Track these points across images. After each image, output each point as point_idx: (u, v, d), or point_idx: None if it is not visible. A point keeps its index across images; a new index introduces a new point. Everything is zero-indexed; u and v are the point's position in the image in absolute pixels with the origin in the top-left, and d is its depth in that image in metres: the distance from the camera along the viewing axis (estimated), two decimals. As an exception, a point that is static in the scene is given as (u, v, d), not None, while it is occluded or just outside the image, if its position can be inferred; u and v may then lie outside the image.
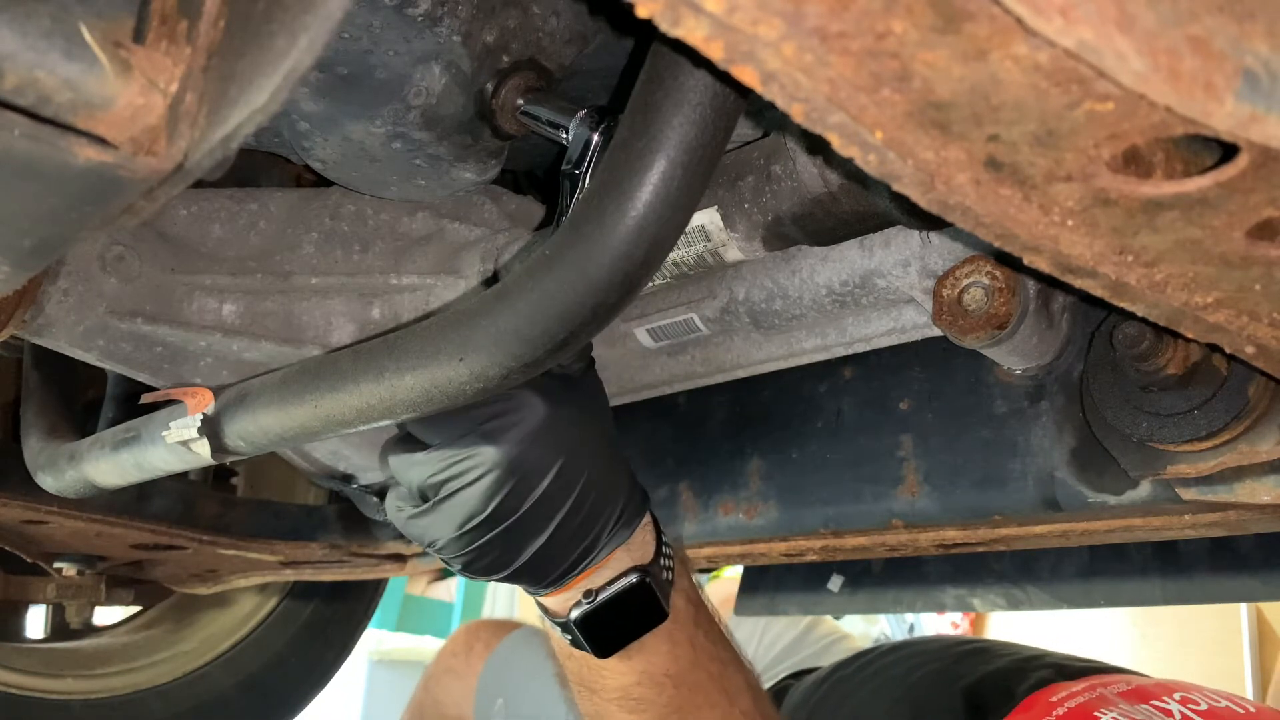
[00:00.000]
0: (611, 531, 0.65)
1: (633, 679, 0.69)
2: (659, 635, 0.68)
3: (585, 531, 0.64)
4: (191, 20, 0.31)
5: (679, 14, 0.27)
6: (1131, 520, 0.76)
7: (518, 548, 0.62)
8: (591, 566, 0.65)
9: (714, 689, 0.71)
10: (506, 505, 0.60)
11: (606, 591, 0.66)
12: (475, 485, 0.59)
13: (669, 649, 0.69)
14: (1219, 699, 0.91)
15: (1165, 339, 0.62)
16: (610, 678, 0.70)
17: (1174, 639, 2.90)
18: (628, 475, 0.68)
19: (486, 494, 0.59)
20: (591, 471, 0.63)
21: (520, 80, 0.71)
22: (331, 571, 1.36)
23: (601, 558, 0.65)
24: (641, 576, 0.67)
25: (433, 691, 1.64)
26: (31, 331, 0.72)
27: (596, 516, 0.64)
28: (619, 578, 0.66)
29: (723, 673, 0.73)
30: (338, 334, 0.83)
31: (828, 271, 0.78)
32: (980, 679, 1.07)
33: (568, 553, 0.64)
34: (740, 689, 0.74)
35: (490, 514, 0.59)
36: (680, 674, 0.69)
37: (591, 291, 0.46)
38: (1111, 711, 0.88)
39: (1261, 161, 0.30)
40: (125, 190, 0.34)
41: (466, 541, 0.61)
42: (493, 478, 0.58)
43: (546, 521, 0.61)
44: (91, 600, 1.46)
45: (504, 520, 0.60)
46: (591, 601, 0.66)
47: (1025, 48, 0.27)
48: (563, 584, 0.66)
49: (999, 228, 0.36)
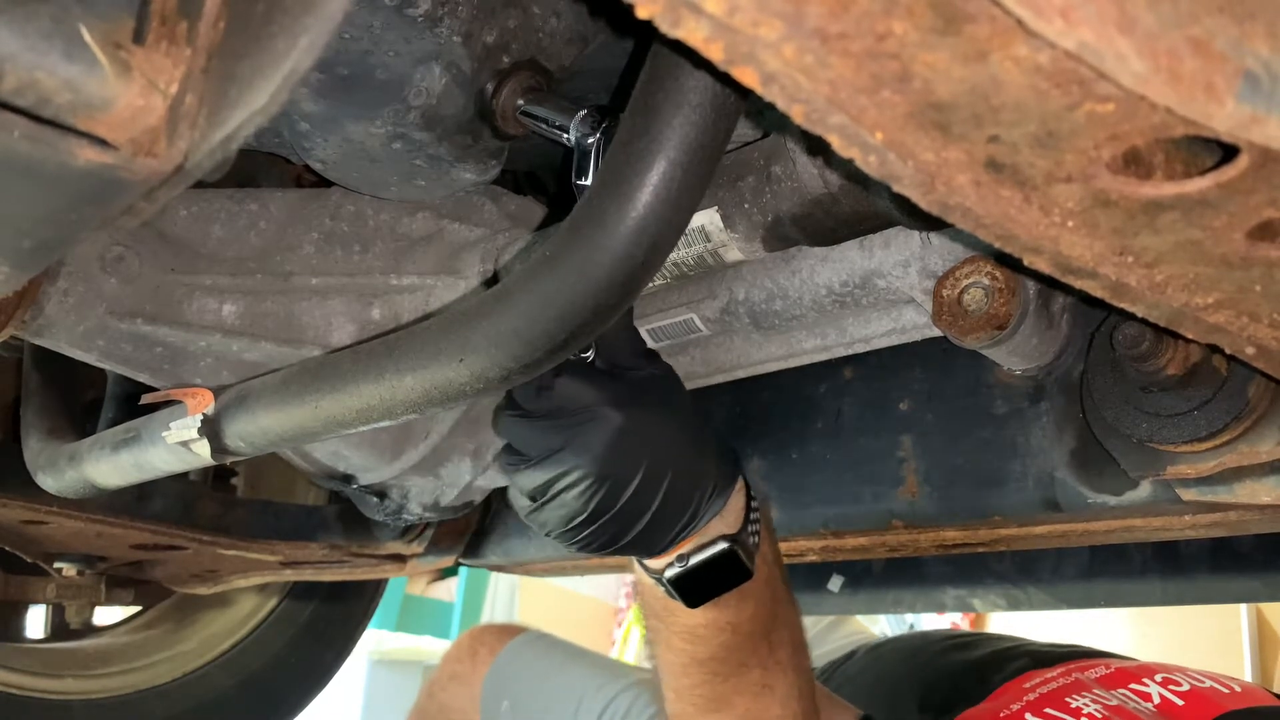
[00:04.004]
0: (708, 503, 0.72)
1: (701, 620, 0.76)
2: (733, 591, 0.75)
3: (680, 513, 0.70)
4: (191, 21, 0.31)
5: (679, 15, 0.27)
6: (1131, 521, 0.76)
7: (621, 533, 0.69)
8: (691, 535, 0.72)
9: (762, 638, 0.79)
10: (603, 505, 0.66)
11: (698, 556, 0.73)
12: (571, 491, 0.66)
13: (738, 603, 0.76)
14: (1203, 679, 0.91)
15: (1165, 339, 0.62)
16: (681, 617, 0.77)
17: (1174, 639, 2.90)
18: (714, 451, 0.74)
19: (583, 499, 0.66)
20: (677, 463, 0.69)
21: (520, 81, 0.71)
22: (331, 572, 1.36)
23: (700, 527, 0.72)
24: (731, 545, 0.73)
25: (438, 697, 1.64)
26: (31, 332, 0.72)
27: (688, 499, 0.70)
28: (709, 545, 0.73)
29: (773, 625, 0.80)
30: (338, 334, 0.83)
31: (828, 272, 0.78)
32: (958, 671, 1.08)
33: (667, 531, 0.71)
34: (782, 642, 0.81)
35: (590, 513, 0.66)
36: (740, 623, 0.77)
37: (592, 292, 0.46)
38: (1085, 696, 0.89)
39: (1262, 162, 0.30)
40: (125, 191, 0.34)
41: (575, 533, 0.68)
42: (584, 486, 0.65)
43: (643, 512, 0.68)
44: (91, 600, 1.46)
45: (603, 516, 0.67)
46: (684, 565, 0.73)
47: (1026, 49, 0.27)
48: (666, 551, 0.73)
49: (999, 229, 0.36)
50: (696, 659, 0.79)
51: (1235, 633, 2.80)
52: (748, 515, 0.76)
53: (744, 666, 0.79)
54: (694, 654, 0.78)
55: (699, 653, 0.78)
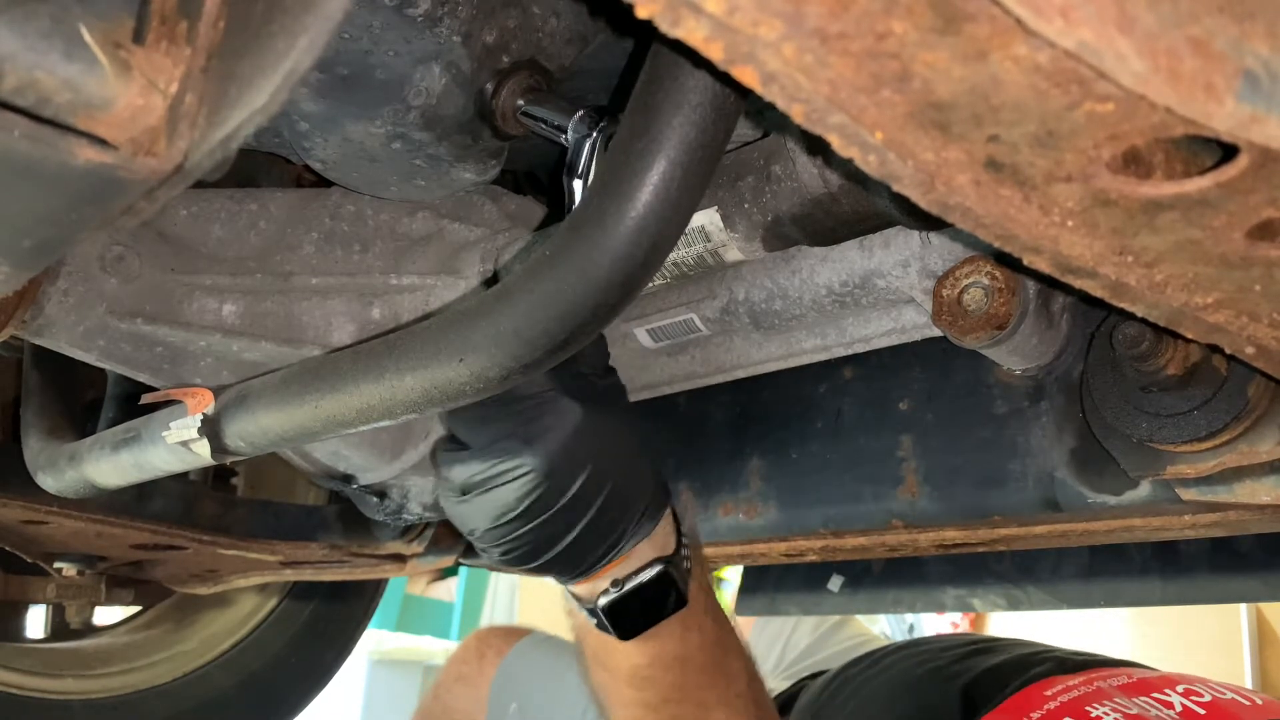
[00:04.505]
0: (636, 527, 0.70)
1: (645, 660, 0.73)
2: (674, 621, 0.73)
3: (612, 528, 0.68)
4: (191, 21, 0.31)
5: (679, 15, 0.27)
6: (1131, 520, 0.76)
7: (549, 543, 0.66)
8: (617, 559, 0.70)
9: (715, 672, 0.76)
10: (537, 506, 0.64)
11: (632, 581, 0.71)
12: (510, 485, 0.63)
13: (681, 634, 0.73)
14: (1224, 691, 0.91)
15: (1165, 339, 0.62)
16: (625, 658, 0.74)
17: (1174, 639, 2.90)
18: (652, 473, 0.72)
19: (519, 494, 0.63)
20: (618, 474, 0.67)
21: (520, 81, 0.71)
22: (331, 571, 1.36)
23: (626, 551, 0.70)
24: (664, 567, 0.71)
25: (444, 699, 1.64)
26: (31, 331, 0.72)
27: (622, 515, 0.68)
28: (643, 569, 0.71)
29: (724, 658, 0.77)
30: (338, 334, 0.83)
31: (828, 272, 0.78)
32: (979, 675, 1.07)
33: (595, 547, 0.68)
34: (738, 673, 0.78)
35: (522, 512, 0.64)
36: (688, 657, 0.74)
37: (592, 292, 0.46)
38: (1106, 705, 0.88)
39: (1261, 162, 0.30)
40: (125, 191, 0.34)
41: (501, 533, 0.65)
42: (526, 479, 0.63)
43: (576, 520, 0.66)
44: (91, 600, 1.46)
45: (534, 519, 0.64)
46: (618, 590, 0.71)
47: (1025, 49, 0.27)
48: (590, 575, 0.70)
49: (999, 228, 0.36)
50: (651, 706, 0.75)
51: (1235, 633, 2.81)
52: (679, 542, 0.74)
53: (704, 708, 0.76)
54: (647, 701, 0.75)
55: (652, 699, 0.75)
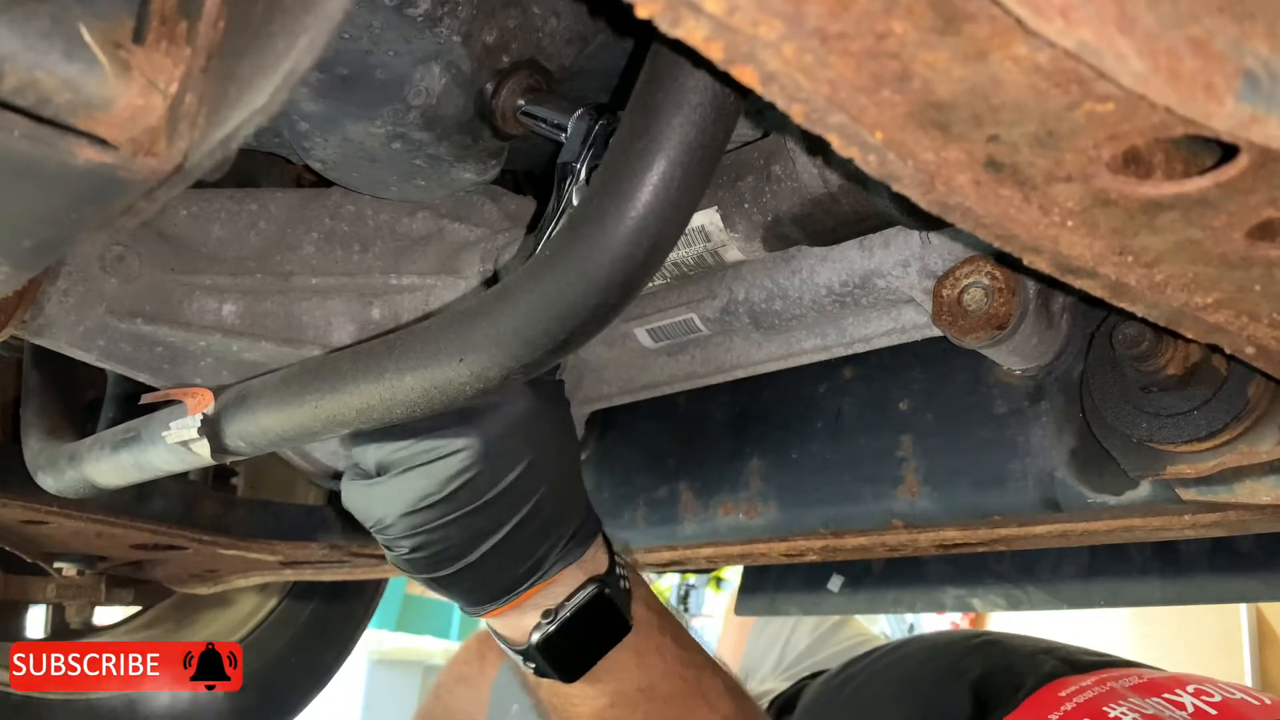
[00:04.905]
0: (564, 549, 0.62)
1: (605, 701, 0.65)
2: (625, 650, 0.65)
3: (539, 541, 0.60)
4: (191, 21, 0.31)
5: (679, 14, 0.27)
6: (1131, 520, 0.76)
7: (468, 543, 0.57)
8: (539, 584, 0.62)
9: (691, 697, 0.68)
10: (467, 491, 0.56)
11: (566, 608, 0.63)
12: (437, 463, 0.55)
13: (637, 662, 0.66)
14: (1234, 691, 0.91)
15: (1165, 339, 0.62)
16: (582, 703, 0.66)
17: (1174, 639, 2.90)
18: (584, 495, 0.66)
19: (449, 474, 0.55)
20: (557, 476, 0.60)
21: (520, 80, 0.71)
22: (331, 571, 1.36)
23: (551, 575, 0.62)
24: (599, 588, 0.64)
25: (445, 700, 1.64)
26: (31, 331, 0.72)
27: (551, 527, 0.61)
28: (576, 592, 0.63)
29: (698, 678, 0.69)
30: (338, 334, 0.83)
31: (828, 272, 0.78)
32: (987, 673, 1.07)
33: (517, 562, 0.60)
34: (719, 693, 0.70)
35: (447, 496, 0.56)
36: (653, 686, 0.66)
37: (592, 292, 0.46)
38: (1122, 705, 0.87)
39: (1261, 162, 0.30)
40: (125, 191, 0.34)
41: (415, 524, 0.56)
42: (460, 458, 0.55)
43: (505, 519, 0.58)
44: (91, 600, 1.46)
45: (461, 507, 0.56)
46: (551, 620, 0.63)
47: (1025, 48, 0.27)
48: (502, 601, 0.62)
49: (999, 228, 0.36)
50: None
51: (1235, 633, 2.80)
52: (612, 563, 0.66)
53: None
54: None
55: None
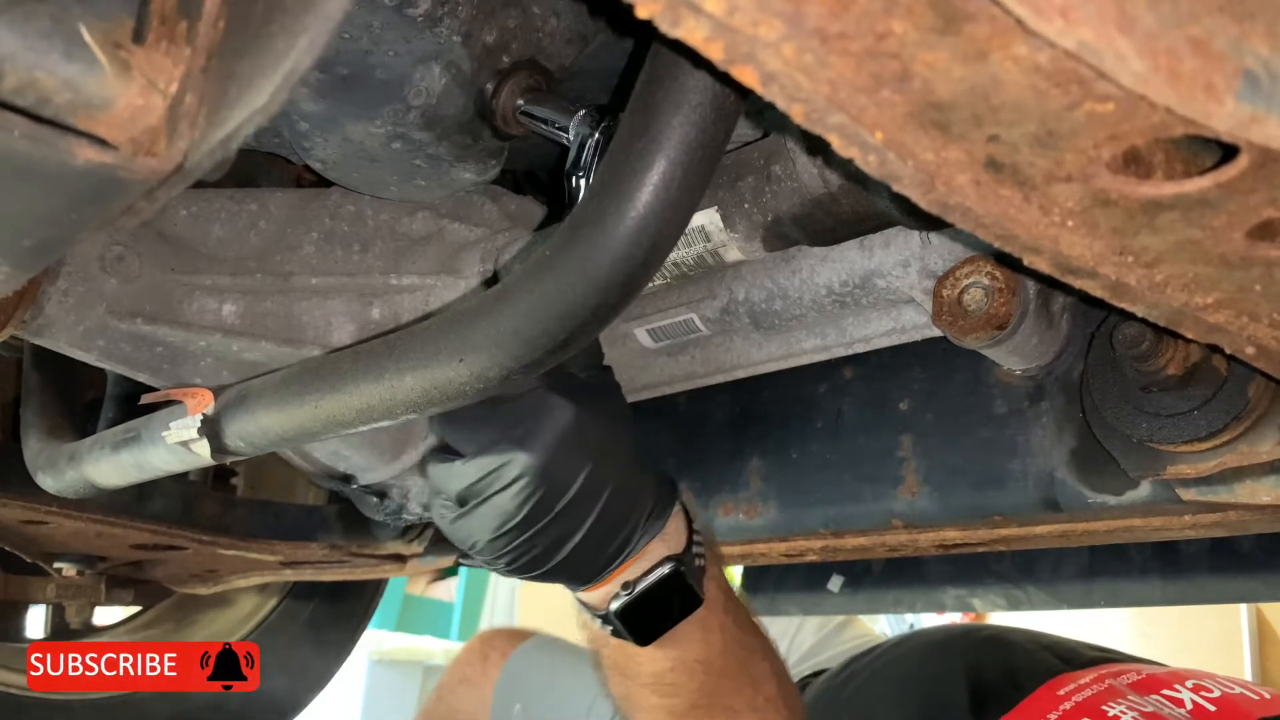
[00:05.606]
0: (645, 526, 0.68)
1: (667, 665, 0.71)
2: (693, 622, 0.70)
3: (618, 529, 0.66)
4: (191, 21, 0.31)
5: (679, 15, 0.27)
6: (1131, 520, 0.76)
7: (553, 548, 0.64)
8: (628, 560, 0.68)
9: (741, 675, 0.73)
10: (538, 509, 0.62)
11: (643, 583, 0.68)
12: (507, 491, 0.61)
13: (702, 635, 0.71)
14: (1233, 686, 0.91)
15: (1165, 339, 0.62)
16: (646, 664, 0.72)
17: (1174, 639, 2.90)
18: (654, 470, 0.70)
19: (518, 499, 0.61)
20: (619, 472, 0.65)
21: (520, 80, 0.71)
22: (331, 571, 1.36)
23: (637, 551, 0.68)
24: (676, 566, 0.69)
25: (447, 700, 1.64)
26: (31, 331, 0.72)
27: (628, 514, 0.66)
28: (654, 568, 0.69)
29: (749, 659, 0.75)
30: (338, 334, 0.83)
31: (828, 272, 0.78)
32: (986, 672, 1.07)
33: (603, 549, 0.66)
34: (766, 676, 0.75)
35: (524, 518, 0.61)
36: (710, 660, 0.72)
37: (592, 292, 0.46)
38: (1121, 704, 0.87)
39: (1261, 162, 0.30)
40: (125, 191, 0.34)
41: (504, 543, 0.63)
42: (523, 484, 0.61)
43: (579, 523, 0.63)
44: (91, 600, 1.46)
45: (536, 523, 0.62)
46: (630, 593, 0.68)
47: (1025, 49, 0.27)
48: (600, 579, 0.68)
49: (999, 228, 0.36)
50: (677, 714, 0.72)
51: (1235, 633, 2.80)
52: (690, 539, 0.71)
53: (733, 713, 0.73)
54: (673, 709, 0.73)
55: (678, 705, 0.72)
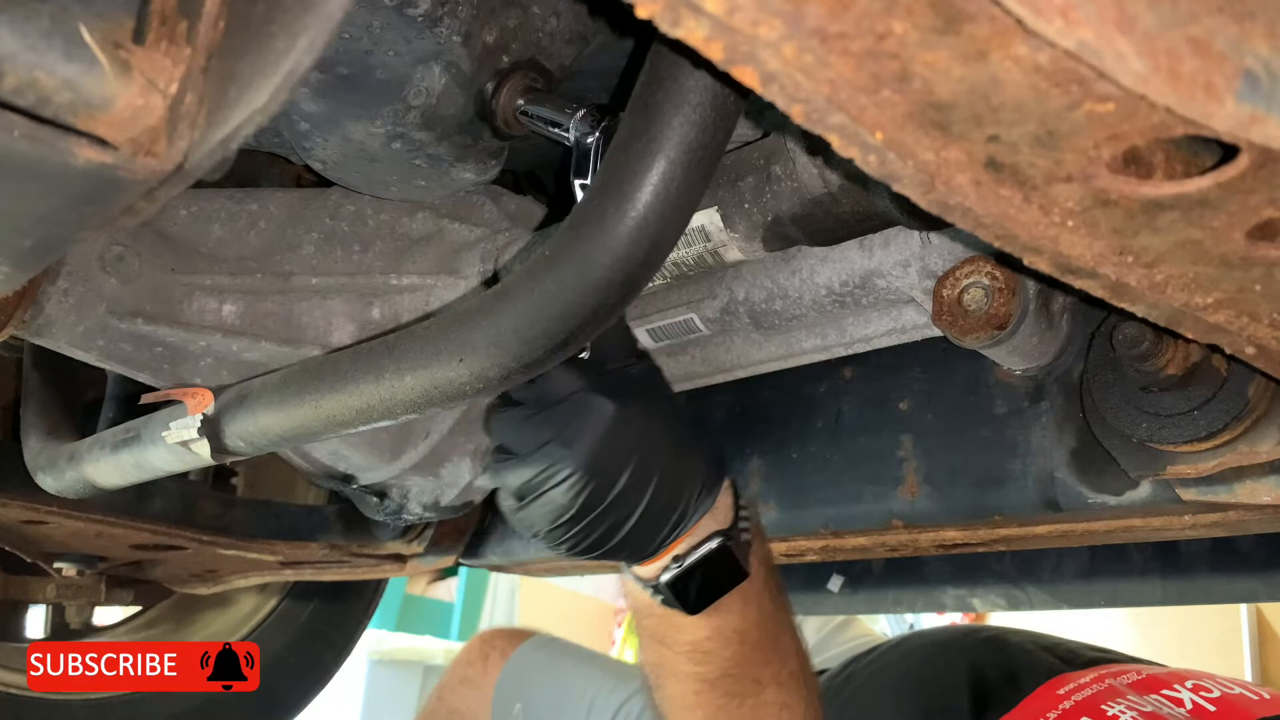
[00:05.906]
0: (695, 504, 0.71)
1: (705, 634, 0.74)
2: (735, 595, 0.73)
3: (670, 510, 0.69)
4: (191, 21, 0.31)
5: (679, 15, 0.27)
6: (1132, 520, 0.76)
7: (610, 533, 0.68)
8: (680, 537, 0.71)
9: (770, 649, 0.77)
10: (591, 501, 0.66)
11: (692, 556, 0.72)
12: (559, 487, 0.65)
13: (741, 607, 0.74)
14: (1233, 686, 0.91)
15: (1165, 339, 0.62)
16: (685, 632, 0.75)
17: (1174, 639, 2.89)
18: (702, 449, 0.73)
19: (570, 494, 0.65)
20: (666, 459, 0.68)
21: (520, 80, 0.71)
22: (331, 571, 1.36)
23: (689, 528, 0.71)
24: (723, 541, 0.72)
25: (448, 700, 1.64)
26: (31, 331, 0.72)
27: (679, 495, 0.70)
28: (703, 543, 0.72)
29: (780, 634, 0.78)
30: (338, 334, 0.83)
31: (828, 271, 0.78)
32: (986, 672, 1.07)
33: (657, 530, 0.70)
34: (792, 652, 0.79)
35: (578, 510, 0.66)
36: (746, 631, 0.75)
37: (592, 292, 0.46)
38: (1120, 703, 0.87)
39: (1262, 162, 0.30)
40: (125, 191, 0.34)
41: (562, 532, 0.67)
42: (573, 480, 0.65)
43: (632, 509, 0.67)
44: (91, 600, 1.46)
45: (590, 513, 0.66)
46: (679, 566, 0.72)
47: (1025, 49, 0.27)
48: (658, 554, 0.72)
49: (999, 228, 0.36)
50: (708, 681, 0.76)
51: (1235, 633, 2.80)
52: (737, 514, 0.75)
53: (759, 684, 0.76)
54: (705, 675, 0.76)
55: (710, 673, 0.76)
